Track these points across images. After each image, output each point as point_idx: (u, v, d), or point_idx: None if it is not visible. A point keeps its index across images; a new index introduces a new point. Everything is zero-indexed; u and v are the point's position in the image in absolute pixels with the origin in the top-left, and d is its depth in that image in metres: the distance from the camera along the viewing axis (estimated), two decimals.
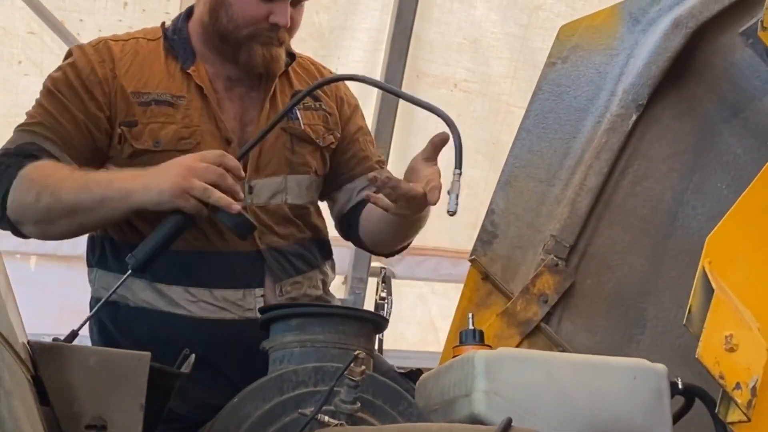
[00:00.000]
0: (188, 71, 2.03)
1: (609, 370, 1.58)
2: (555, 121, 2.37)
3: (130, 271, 1.77)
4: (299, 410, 1.47)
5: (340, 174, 2.25)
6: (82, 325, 1.67)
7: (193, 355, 1.43)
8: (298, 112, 2.10)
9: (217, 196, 1.76)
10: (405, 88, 4.55)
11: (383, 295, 3.26)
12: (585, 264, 2.28)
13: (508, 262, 2.29)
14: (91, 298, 2.06)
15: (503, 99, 4.80)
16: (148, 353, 1.25)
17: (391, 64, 4.56)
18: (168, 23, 2.15)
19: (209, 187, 1.75)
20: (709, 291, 1.61)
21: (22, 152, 1.91)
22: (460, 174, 1.79)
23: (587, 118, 2.35)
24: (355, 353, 1.43)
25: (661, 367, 1.59)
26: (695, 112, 2.37)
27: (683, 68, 2.34)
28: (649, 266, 2.30)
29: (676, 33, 2.28)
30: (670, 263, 2.30)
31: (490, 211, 2.33)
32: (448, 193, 1.78)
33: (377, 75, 4.53)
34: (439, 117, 1.84)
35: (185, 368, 1.40)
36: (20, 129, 1.97)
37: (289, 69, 2.18)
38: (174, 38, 2.08)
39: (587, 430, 1.53)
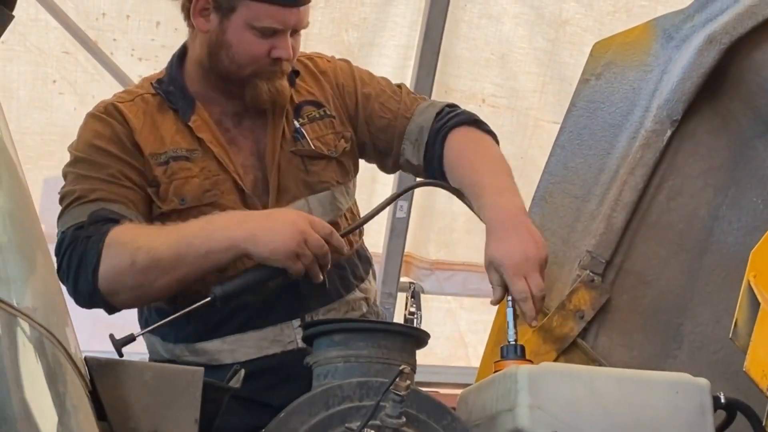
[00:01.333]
0: (189, 124, 2.01)
1: (651, 384, 1.59)
2: (590, 137, 2.38)
3: (209, 298, 1.77)
4: (345, 425, 1.48)
5: (390, 137, 2.18)
6: (142, 333, 1.69)
7: (243, 370, 1.46)
8: (303, 129, 2.08)
9: (316, 271, 1.81)
10: None
11: (412, 310, 3.26)
12: (621, 279, 2.29)
13: None
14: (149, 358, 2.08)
15: (531, 114, 4.82)
16: (202, 369, 1.27)
17: (419, 80, 4.59)
18: (159, 76, 2.11)
19: (313, 259, 1.80)
20: (755, 304, 1.61)
21: (98, 219, 1.87)
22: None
23: (622, 134, 2.36)
24: (401, 368, 1.44)
25: (703, 381, 1.60)
26: (730, 127, 2.38)
27: (717, 84, 2.35)
28: (686, 281, 2.30)
29: (710, 49, 2.29)
30: (706, 278, 2.30)
31: None
32: None
33: None
34: None
35: (234, 383, 1.42)
36: (76, 205, 1.91)
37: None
38: (170, 89, 2.05)
39: None
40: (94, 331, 4.57)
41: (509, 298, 1.87)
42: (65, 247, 1.88)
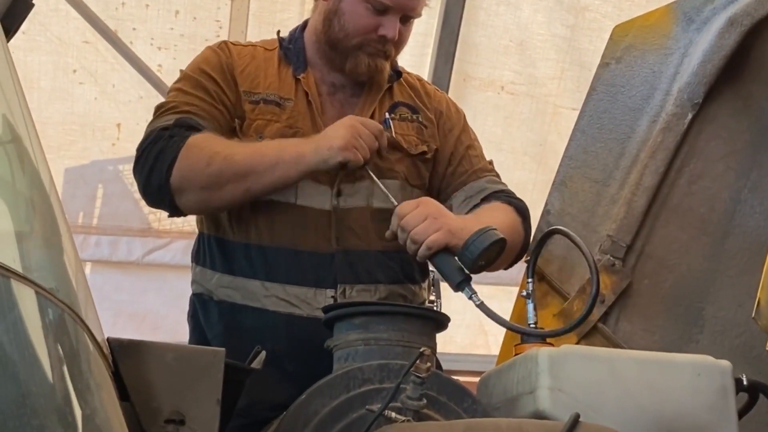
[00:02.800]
0: (299, 77, 2.15)
1: (673, 366, 1.58)
2: (610, 121, 2.37)
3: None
4: (366, 407, 1.48)
5: (447, 185, 2.26)
6: None
7: (264, 352, 1.46)
8: (391, 122, 2.16)
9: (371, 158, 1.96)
10: (452, 92, 4.57)
11: (432, 298, 3.27)
12: (642, 264, 2.27)
13: (564, 263, 2.28)
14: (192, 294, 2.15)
15: (550, 100, 4.80)
16: (223, 349, 1.27)
17: (438, 67, 4.59)
18: (285, 34, 2.27)
19: (367, 149, 1.94)
20: None
21: (183, 124, 1.99)
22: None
23: (642, 117, 2.35)
24: (421, 350, 1.44)
25: (725, 363, 1.59)
26: (751, 110, 2.36)
27: (738, 66, 2.33)
28: (707, 265, 2.28)
29: (731, 31, 2.27)
30: (728, 262, 2.29)
31: (546, 212, 2.34)
32: None
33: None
34: None
35: (256, 364, 1.42)
36: (169, 112, 2.03)
37: (394, 84, 2.24)
38: (290, 47, 2.20)
39: (652, 427, 1.53)
40: (116, 321, 4.61)
41: (530, 280, 1.87)
42: (148, 142, 1.99)
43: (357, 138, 1.91)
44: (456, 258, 1.85)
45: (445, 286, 3.27)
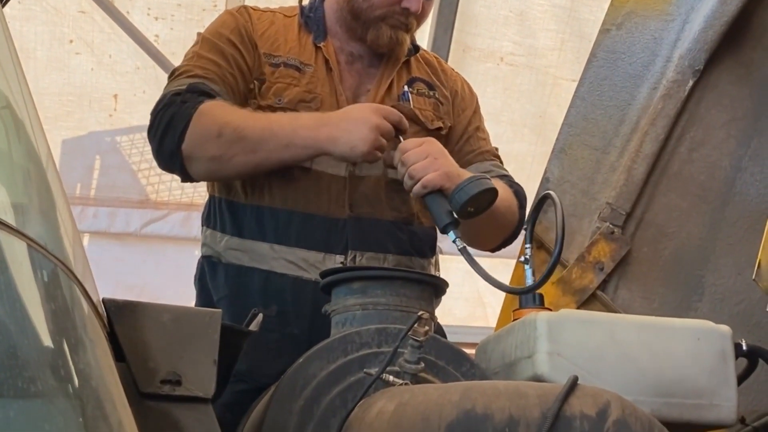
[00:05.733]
0: (319, 45, 2.14)
1: (672, 331, 1.57)
2: (610, 88, 2.36)
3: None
4: (364, 370, 1.48)
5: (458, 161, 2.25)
6: None
7: (261, 315, 1.45)
8: (410, 95, 2.17)
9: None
10: (452, 63, 4.52)
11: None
12: (641, 231, 2.27)
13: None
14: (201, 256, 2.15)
15: (550, 72, 4.77)
16: (220, 310, 1.26)
17: (437, 38, 4.55)
18: (305, 1, 2.26)
19: (387, 146, 1.91)
20: None
21: (196, 90, 1.97)
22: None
23: (643, 84, 2.33)
24: (419, 314, 1.43)
25: (725, 328, 1.58)
26: (753, 77, 2.34)
27: (740, 33, 2.31)
28: (707, 233, 2.28)
29: None
30: (728, 230, 2.28)
31: (545, 180, 2.33)
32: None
33: None
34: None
35: (253, 327, 1.41)
36: (184, 76, 2.03)
37: (411, 59, 2.24)
38: (310, 15, 2.19)
39: (651, 391, 1.52)
40: (114, 293, 4.61)
41: (528, 246, 1.86)
42: (161, 107, 1.98)
43: (380, 139, 1.89)
44: (447, 202, 1.85)
45: (444, 259, 3.27)
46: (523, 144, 4.80)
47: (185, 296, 2.20)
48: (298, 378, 1.49)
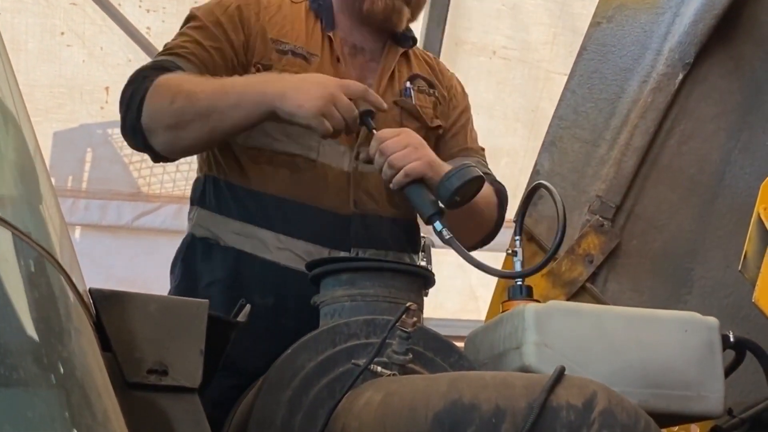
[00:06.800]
0: (329, 35, 2.12)
1: (660, 322, 1.57)
2: (600, 81, 2.36)
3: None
4: (352, 361, 1.48)
5: (438, 153, 2.24)
6: None
7: (249, 306, 1.45)
8: (412, 91, 2.15)
9: (344, 132, 1.86)
10: (444, 57, 4.53)
11: (423, 263, 3.27)
12: (631, 224, 2.28)
13: (552, 223, 2.27)
14: (186, 235, 2.12)
15: (543, 66, 4.77)
16: (206, 301, 1.26)
17: (429, 32, 4.55)
18: None
19: (341, 120, 1.82)
20: (764, 237, 1.59)
21: (159, 67, 1.95)
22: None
23: (633, 77, 2.34)
24: (407, 305, 1.43)
25: (712, 320, 1.58)
26: (743, 71, 2.35)
27: (730, 26, 2.32)
28: (696, 226, 2.29)
29: None
30: (717, 223, 2.29)
31: (535, 172, 2.33)
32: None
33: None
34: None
35: (241, 318, 1.41)
36: (162, 54, 2.01)
37: (410, 53, 2.24)
38: (320, 3, 2.18)
39: (638, 382, 1.53)
40: (106, 286, 4.61)
41: (517, 238, 1.86)
42: (127, 84, 1.96)
43: (330, 107, 1.81)
44: (429, 191, 1.84)
45: (436, 252, 3.27)
46: (515, 138, 4.80)
47: None
48: (286, 369, 1.49)
